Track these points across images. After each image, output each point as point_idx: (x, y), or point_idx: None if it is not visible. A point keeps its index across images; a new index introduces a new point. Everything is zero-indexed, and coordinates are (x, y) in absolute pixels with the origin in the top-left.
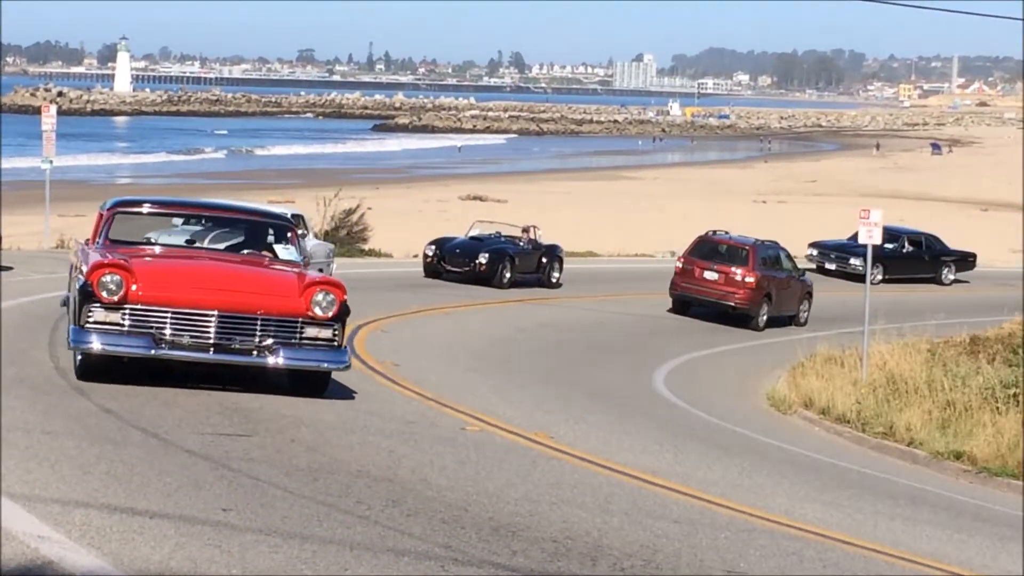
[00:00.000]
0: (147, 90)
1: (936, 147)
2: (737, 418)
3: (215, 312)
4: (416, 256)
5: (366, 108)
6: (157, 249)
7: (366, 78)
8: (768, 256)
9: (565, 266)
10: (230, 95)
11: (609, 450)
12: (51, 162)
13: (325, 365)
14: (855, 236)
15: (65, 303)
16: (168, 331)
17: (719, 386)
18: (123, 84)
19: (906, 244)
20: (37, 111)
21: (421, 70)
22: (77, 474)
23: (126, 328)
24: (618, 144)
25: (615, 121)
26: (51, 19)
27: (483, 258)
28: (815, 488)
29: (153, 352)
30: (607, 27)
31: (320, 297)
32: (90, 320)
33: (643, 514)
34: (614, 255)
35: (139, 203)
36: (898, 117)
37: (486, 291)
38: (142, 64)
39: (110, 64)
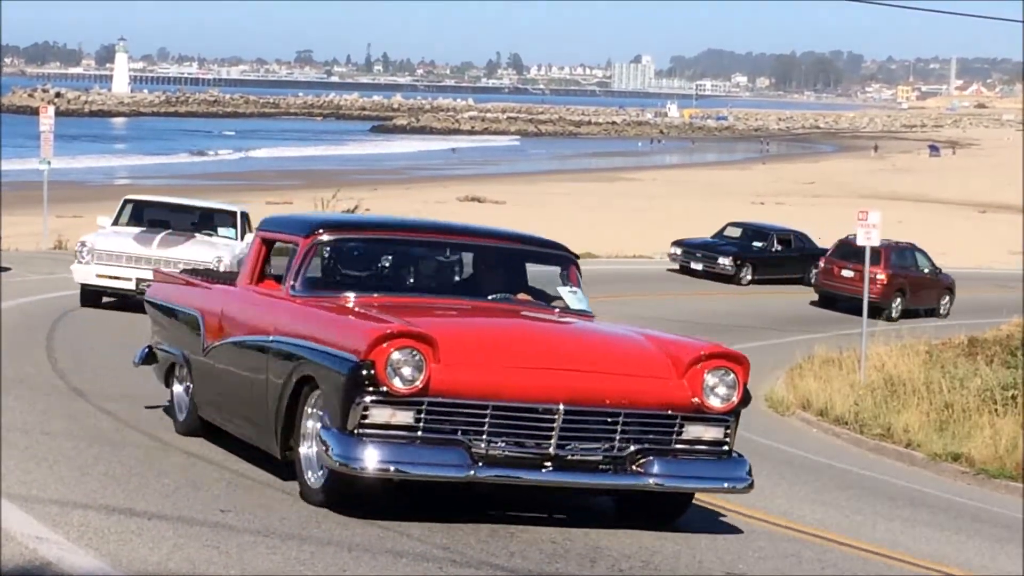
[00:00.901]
0: (145, 91)
1: (934, 149)
2: None
3: (560, 406)
4: None
5: (364, 109)
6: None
7: (364, 79)
8: (902, 256)
9: None
10: (228, 96)
11: None
12: (49, 163)
13: (726, 484)
14: (721, 233)
15: (149, 360)
16: (485, 438)
17: None
18: (121, 85)
19: (775, 243)
20: (35, 112)
21: (419, 71)
22: (75, 475)
23: (420, 435)
24: (616, 145)
25: (613, 123)
26: (49, 20)
27: None
28: (813, 489)
29: (470, 474)
30: (605, 28)
31: (715, 379)
32: (367, 423)
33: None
34: (612, 256)
35: (352, 226)
36: (896, 119)
37: None
38: (140, 65)
39: (108, 65)
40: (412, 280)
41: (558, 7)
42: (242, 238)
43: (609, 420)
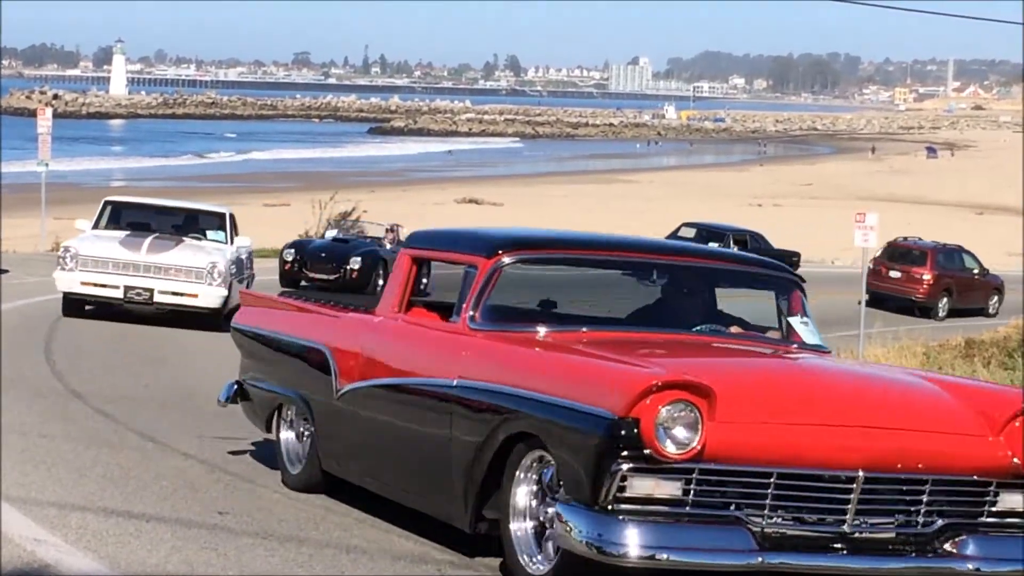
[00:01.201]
0: (142, 93)
1: (932, 150)
2: None
3: (860, 472)
4: None
5: (362, 111)
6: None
7: (362, 81)
8: (948, 257)
9: None
10: (226, 98)
11: None
12: (47, 165)
13: None
14: (675, 234)
15: (239, 397)
16: (765, 513)
17: None
18: (119, 87)
19: (731, 243)
20: (33, 114)
21: (417, 73)
22: (73, 477)
23: (688, 510)
24: (614, 147)
25: (611, 124)
26: (47, 21)
27: (355, 263)
28: None
29: (758, 560)
30: (603, 30)
31: None
32: (624, 497)
33: None
34: None
35: (544, 244)
36: (894, 120)
37: None
38: (138, 67)
39: (106, 67)
40: (612, 309)
41: (555, 9)
42: (231, 241)
43: (914, 489)
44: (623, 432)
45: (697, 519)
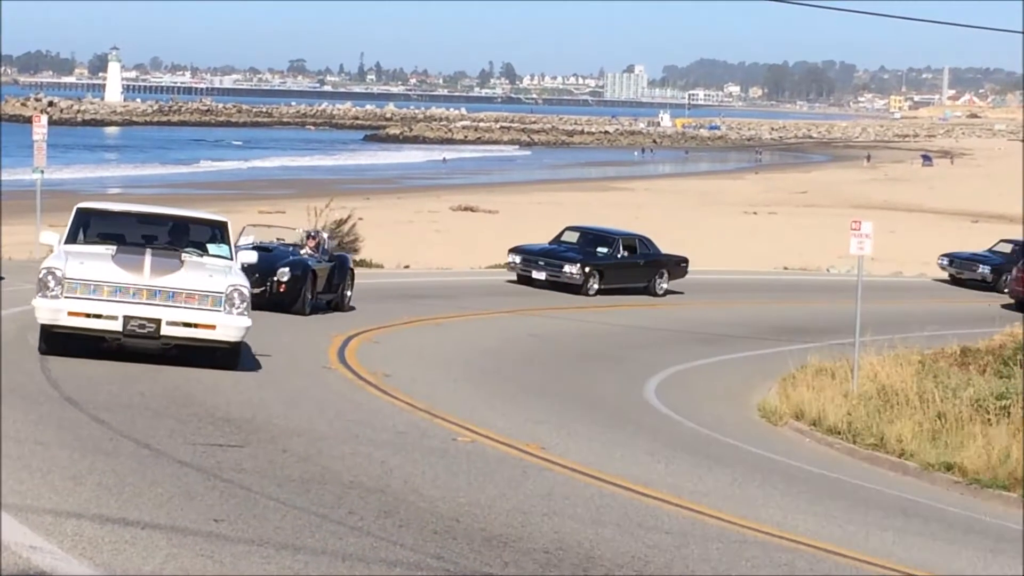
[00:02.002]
0: (138, 100)
1: (927, 158)
2: (728, 429)
3: None
4: (408, 267)
5: (357, 118)
6: None
7: (357, 88)
8: None
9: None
10: (221, 105)
11: (600, 461)
12: (42, 172)
13: None
14: (558, 238)
15: None
16: None
17: (710, 397)
18: (114, 94)
19: (621, 249)
20: (28, 121)
21: (412, 81)
22: (69, 485)
23: None
24: (609, 155)
25: (606, 132)
26: (42, 29)
27: (283, 274)
28: (806, 499)
29: None
30: (598, 38)
31: None
32: None
33: (634, 525)
34: None
35: None
36: (889, 128)
37: (476, 301)
38: (133, 74)
39: (101, 74)
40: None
41: (551, 17)
42: (235, 256)
43: None
44: None
45: None
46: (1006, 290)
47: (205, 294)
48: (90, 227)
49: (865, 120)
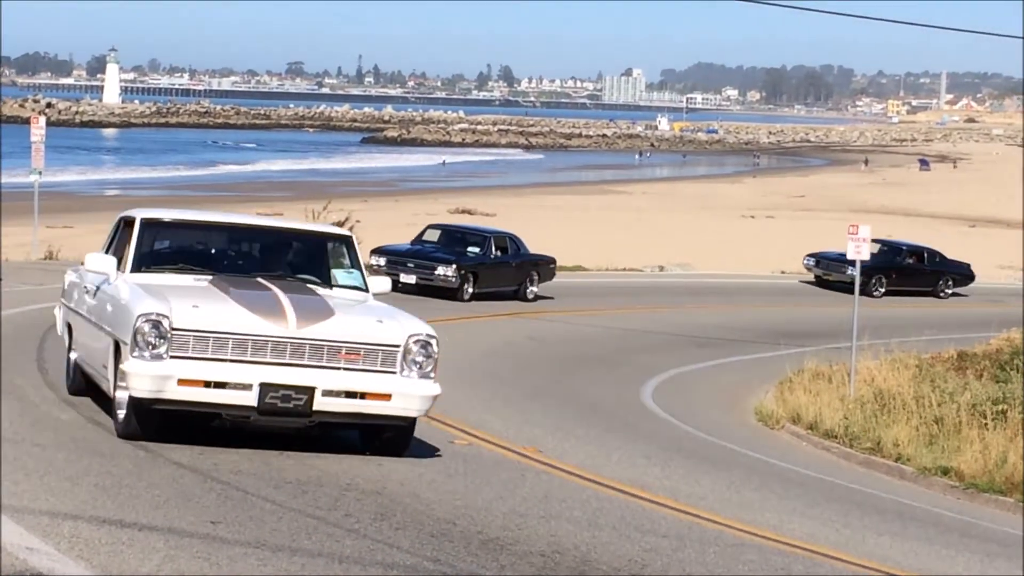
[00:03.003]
0: (136, 102)
1: (924, 163)
2: (725, 433)
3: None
4: None
5: (355, 121)
6: None
7: (355, 91)
8: None
9: (555, 279)
10: (219, 107)
11: (597, 464)
12: (40, 173)
13: None
14: (420, 237)
15: None
16: None
17: (707, 401)
18: (112, 96)
19: (493, 248)
20: (26, 122)
21: (410, 83)
22: (66, 486)
23: None
24: (607, 159)
25: (604, 135)
26: (40, 30)
27: None
28: (803, 503)
29: None
30: (596, 41)
31: None
32: None
33: (631, 528)
34: (602, 269)
35: None
36: (886, 133)
37: (474, 305)
38: (131, 76)
39: (99, 75)
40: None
41: (549, 20)
42: (367, 287)
43: None
44: None
45: None
46: (875, 294)
47: (375, 348)
48: (155, 246)
49: (863, 124)
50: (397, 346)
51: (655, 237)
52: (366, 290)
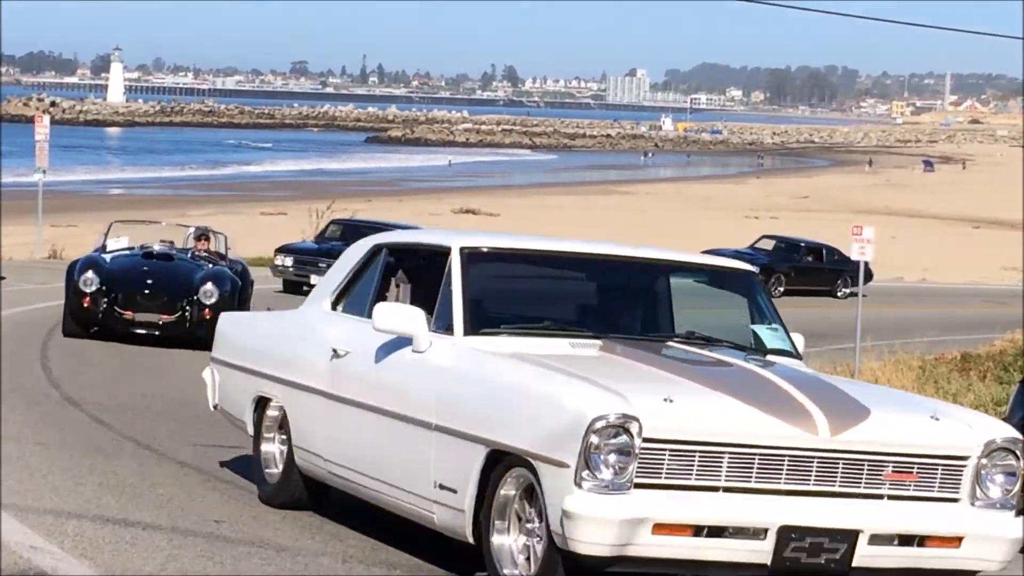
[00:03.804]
0: (140, 101)
1: (928, 164)
2: None
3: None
4: None
5: (359, 120)
6: None
7: (359, 91)
8: None
9: None
10: (223, 107)
11: None
12: (44, 172)
13: None
14: (323, 235)
15: None
16: None
17: None
18: (116, 94)
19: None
20: (30, 121)
21: (414, 83)
22: (70, 485)
23: None
24: (612, 159)
25: (608, 136)
26: (44, 29)
27: (209, 294)
28: None
29: None
30: (600, 41)
31: None
32: None
33: None
34: None
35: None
36: (891, 134)
37: None
38: (135, 74)
39: (103, 74)
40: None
41: (553, 20)
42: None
43: None
44: None
45: None
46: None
47: (933, 463)
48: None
49: (867, 125)
50: (966, 457)
51: (659, 237)
52: (798, 356)
